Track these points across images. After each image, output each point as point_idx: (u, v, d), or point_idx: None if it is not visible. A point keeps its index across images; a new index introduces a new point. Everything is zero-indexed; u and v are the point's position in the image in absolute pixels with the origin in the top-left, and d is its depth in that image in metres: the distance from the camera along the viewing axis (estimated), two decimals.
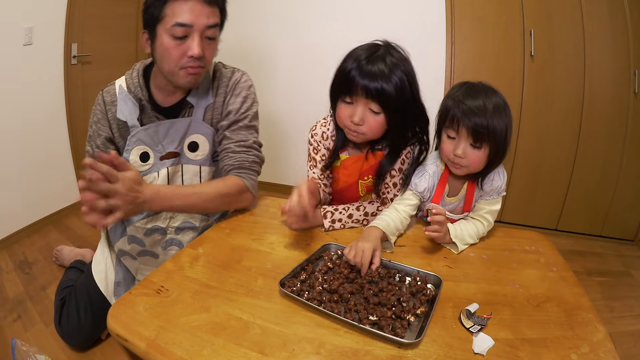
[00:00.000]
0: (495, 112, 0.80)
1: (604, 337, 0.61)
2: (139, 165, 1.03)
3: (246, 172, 1.02)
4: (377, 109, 0.87)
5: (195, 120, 1.03)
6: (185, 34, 0.89)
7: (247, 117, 1.05)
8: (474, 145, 0.83)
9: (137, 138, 1.02)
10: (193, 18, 0.87)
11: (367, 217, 0.98)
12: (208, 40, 0.93)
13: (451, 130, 0.85)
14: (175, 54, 0.90)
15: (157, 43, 0.92)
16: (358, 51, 0.88)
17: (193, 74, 0.94)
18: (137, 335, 0.59)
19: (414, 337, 0.59)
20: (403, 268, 0.78)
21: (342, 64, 0.90)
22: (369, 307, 0.66)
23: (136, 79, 1.02)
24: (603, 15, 1.97)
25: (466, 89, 0.85)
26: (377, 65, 0.84)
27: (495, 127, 0.80)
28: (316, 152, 1.04)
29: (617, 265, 2.02)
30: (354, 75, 0.85)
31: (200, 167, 1.07)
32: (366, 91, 0.85)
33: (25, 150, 1.99)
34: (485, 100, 0.81)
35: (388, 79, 0.83)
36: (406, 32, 2.27)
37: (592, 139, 2.12)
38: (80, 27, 2.17)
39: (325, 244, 0.86)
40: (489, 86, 0.86)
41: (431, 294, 0.70)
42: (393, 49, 0.89)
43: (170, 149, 1.03)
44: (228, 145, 1.03)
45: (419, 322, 0.64)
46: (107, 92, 1.06)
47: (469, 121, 0.80)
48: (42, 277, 1.69)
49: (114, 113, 1.03)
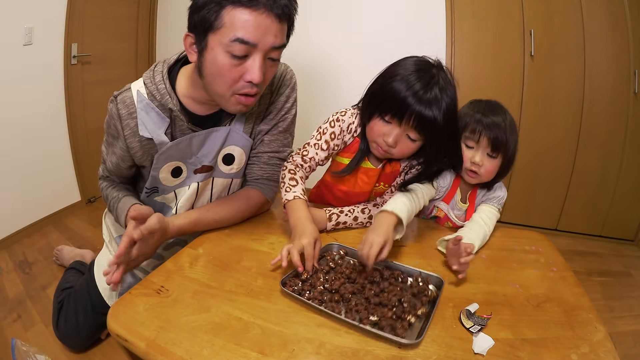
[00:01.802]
0: (510, 129, 0.90)
1: (604, 337, 0.61)
2: (170, 181, 0.93)
3: (272, 184, 1.00)
4: (415, 137, 0.83)
5: (235, 131, 0.92)
6: (246, 53, 0.73)
7: (286, 120, 0.97)
8: (491, 154, 0.91)
9: (167, 155, 0.88)
10: (259, 36, 0.71)
11: (370, 220, 0.97)
12: (270, 61, 0.78)
13: (471, 141, 0.92)
14: (230, 77, 0.75)
15: (207, 57, 0.75)
16: (410, 75, 0.79)
17: (246, 104, 0.80)
18: (137, 335, 0.59)
19: (414, 338, 0.60)
20: (406, 269, 0.78)
21: (389, 81, 0.81)
22: (370, 307, 0.66)
23: (161, 84, 0.84)
24: (603, 15, 1.97)
25: (485, 105, 0.94)
26: (434, 99, 0.77)
27: (509, 141, 0.90)
28: (333, 137, 0.95)
29: (617, 265, 2.02)
30: (411, 103, 0.77)
31: (232, 180, 1.00)
32: (418, 121, 0.79)
33: (25, 150, 1.99)
34: (503, 117, 0.91)
35: (440, 109, 0.78)
36: (406, 32, 2.29)
37: (592, 139, 2.12)
38: (80, 27, 2.17)
39: (328, 244, 0.86)
40: (501, 105, 0.95)
41: (432, 295, 0.70)
42: (446, 78, 0.81)
43: (205, 162, 0.92)
44: (262, 155, 0.97)
45: (420, 322, 0.64)
46: (121, 102, 0.86)
47: (490, 132, 0.89)
48: (42, 277, 1.69)
49: (133, 129, 0.86)
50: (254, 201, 0.98)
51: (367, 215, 0.97)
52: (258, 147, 0.98)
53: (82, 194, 2.38)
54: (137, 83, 0.87)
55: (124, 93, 0.86)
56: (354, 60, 2.34)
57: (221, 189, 1.01)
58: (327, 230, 0.94)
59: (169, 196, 0.98)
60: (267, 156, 0.99)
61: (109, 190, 0.99)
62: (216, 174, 0.97)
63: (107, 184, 1.00)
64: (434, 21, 2.19)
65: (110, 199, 0.97)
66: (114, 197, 0.96)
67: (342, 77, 2.41)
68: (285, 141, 1.01)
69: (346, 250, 0.84)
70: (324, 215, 0.94)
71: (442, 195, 1.01)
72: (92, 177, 2.42)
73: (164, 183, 0.94)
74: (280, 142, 0.99)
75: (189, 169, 0.93)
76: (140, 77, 0.89)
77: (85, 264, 1.46)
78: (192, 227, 0.90)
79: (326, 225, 0.93)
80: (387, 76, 0.84)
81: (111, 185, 1.00)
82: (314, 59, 2.40)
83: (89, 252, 1.66)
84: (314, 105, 2.47)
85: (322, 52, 2.38)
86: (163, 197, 0.98)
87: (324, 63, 2.42)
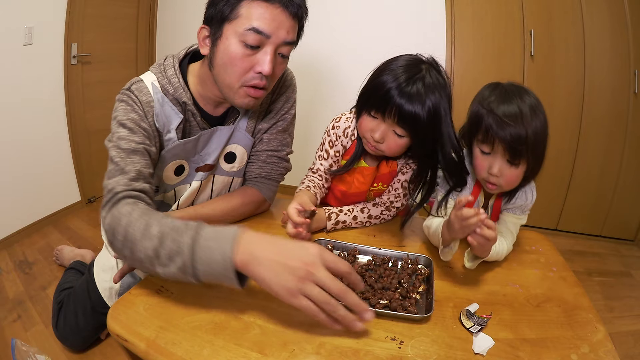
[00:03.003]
0: (533, 116, 0.72)
1: (604, 337, 0.61)
2: (172, 179, 0.92)
3: (270, 183, 1.00)
4: (401, 132, 0.82)
5: (238, 130, 0.93)
6: (259, 44, 0.75)
7: (286, 119, 0.98)
8: (511, 162, 0.75)
9: (173, 153, 0.86)
10: (273, 28, 0.73)
11: (370, 220, 0.97)
12: (280, 58, 0.80)
13: (485, 145, 0.76)
14: (241, 66, 0.76)
15: (221, 46, 0.76)
16: (396, 68, 0.80)
17: (254, 97, 0.80)
18: (137, 335, 0.59)
19: (424, 312, 0.65)
20: (392, 254, 0.82)
21: (378, 75, 0.82)
22: (377, 292, 0.70)
23: (174, 78, 0.83)
24: (603, 15, 1.97)
25: (499, 94, 0.76)
26: (417, 91, 0.76)
27: (534, 136, 0.71)
28: (332, 145, 0.97)
29: (617, 265, 2.02)
30: (392, 96, 0.77)
31: (232, 179, 1.00)
32: (399, 115, 0.78)
33: (25, 150, 1.99)
34: (520, 103, 0.72)
35: (423, 104, 0.76)
36: (406, 32, 2.29)
37: (592, 139, 2.12)
38: (80, 27, 2.17)
39: (315, 240, 0.85)
40: (520, 86, 0.78)
41: (426, 273, 0.76)
42: (435, 75, 0.80)
43: (208, 160, 0.92)
44: (260, 153, 0.98)
45: (423, 299, 0.70)
46: (137, 91, 0.81)
47: (504, 133, 0.71)
48: (42, 277, 1.69)
49: (152, 118, 0.81)
50: (250, 199, 0.97)
51: (367, 215, 0.97)
52: (257, 145, 0.99)
53: (82, 194, 2.38)
54: (147, 76, 0.84)
55: (137, 84, 0.82)
56: (354, 61, 2.34)
57: (221, 187, 1.00)
58: (326, 229, 0.94)
59: (169, 194, 0.97)
60: (265, 154, 0.99)
61: (145, 217, 0.64)
62: (217, 172, 0.97)
63: (130, 207, 0.67)
64: (434, 21, 2.19)
65: (160, 227, 0.61)
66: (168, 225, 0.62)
67: (342, 78, 2.41)
68: (285, 141, 1.01)
69: (333, 244, 0.84)
70: (323, 214, 0.94)
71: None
72: (92, 177, 2.43)
73: (166, 181, 0.93)
74: (279, 141, 0.99)
75: (191, 167, 0.92)
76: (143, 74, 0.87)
77: (85, 264, 1.46)
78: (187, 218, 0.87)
79: (326, 224, 0.93)
80: (377, 71, 0.84)
81: (141, 210, 0.67)
82: (313, 60, 2.40)
83: (89, 252, 1.66)
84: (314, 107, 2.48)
85: (321, 53, 2.38)
86: (163, 195, 0.97)
87: (324, 64, 2.43)
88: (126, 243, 0.63)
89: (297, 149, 1.09)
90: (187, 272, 0.58)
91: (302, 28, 0.83)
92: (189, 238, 0.58)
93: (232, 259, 0.56)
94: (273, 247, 0.57)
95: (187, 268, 0.58)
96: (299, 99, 1.03)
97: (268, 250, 0.56)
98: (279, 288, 0.55)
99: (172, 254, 0.58)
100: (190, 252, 0.57)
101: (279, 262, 0.55)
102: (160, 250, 0.59)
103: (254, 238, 0.58)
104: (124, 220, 0.64)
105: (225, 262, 0.56)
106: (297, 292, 0.54)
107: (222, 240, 0.57)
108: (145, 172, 0.76)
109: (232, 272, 0.56)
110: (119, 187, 0.70)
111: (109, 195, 0.70)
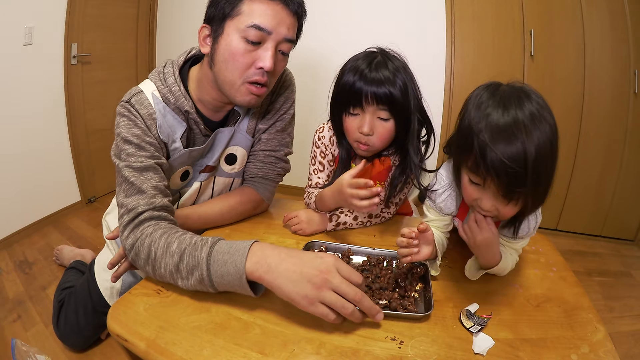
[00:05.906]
0: (532, 127, 0.59)
1: (604, 337, 0.61)
2: (177, 185, 0.93)
3: (267, 182, 1.00)
4: (386, 115, 0.84)
5: (239, 131, 0.93)
6: (260, 40, 0.76)
7: (284, 119, 0.98)
8: (507, 199, 0.61)
9: (179, 162, 0.87)
10: (274, 24, 0.75)
11: (370, 219, 0.98)
12: (281, 55, 0.81)
13: (475, 176, 0.62)
14: (243, 62, 0.76)
15: (222, 43, 0.77)
16: (356, 62, 0.85)
17: (256, 94, 0.81)
18: (137, 335, 0.59)
19: (424, 311, 0.65)
20: (387, 254, 0.82)
21: (341, 77, 0.86)
22: (375, 293, 0.70)
23: (175, 87, 0.82)
24: (603, 15, 1.97)
25: (494, 104, 0.61)
26: (381, 72, 0.82)
27: (536, 175, 0.58)
28: (324, 156, 1.00)
29: (617, 265, 2.02)
30: (360, 86, 0.82)
31: (233, 180, 1.00)
32: (376, 98, 0.82)
33: (25, 150, 1.99)
34: (520, 113, 0.59)
35: (393, 83, 0.81)
36: (406, 32, 2.29)
37: (592, 139, 2.12)
38: (80, 27, 2.17)
39: (309, 242, 0.85)
40: (520, 94, 0.65)
41: (421, 272, 0.75)
42: (390, 55, 0.87)
43: (209, 162, 0.93)
44: (258, 153, 0.98)
45: (421, 298, 0.70)
46: (138, 103, 0.80)
47: (498, 176, 0.57)
48: (42, 277, 1.69)
49: (156, 130, 0.81)
50: (247, 198, 0.97)
51: (367, 214, 0.97)
52: (255, 145, 0.99)
53: (82, 194, 2.38)
54: (147, 85, 0.83)
55: (137, 95, 0.81)
56: None
57: (222, 188, 1.01)
58: (327, 230, 0.94)
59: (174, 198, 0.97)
60: (262, 154, 0.99)
61: (166, 236, 0.68)
62: (218, 173, 0.98)
63: (152, 228, 0.70)
64: (434, 21, 2.19)
65: (179, 244, 0.66)
66: (187, 241, 0.66)
67: None
68: (283, 141, 1.01)
69: (326, 246, 0.84)
70: (324, 216, 0.94)
71: (454, 211, 0.78)
72: (92, 177, 2.43)
73: (172, 187, 0.93)
74: (278, 141, 1.00)
75: (195, 170, 0.94)
76: (142, 78, 0.87)
77: (85, 263, 1.46)
78: (184, 220, 0.88)
79: (326, 226, 0.94)
80: (339, 76, 0.88)
81: (162, 229, 0.70)
82: (313, 61, 2.40)
83: (89, 252, 1.66)
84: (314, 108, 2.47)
85: (321, 53, 2.38)
86: None
87: (324, 64, 2.42)
88: (149, 260, 0.68)
89: (296, 149, 1.09)
90: (205, 284, 0.63)
91: (301, 27, 0.85)
92: (205, 253, 0.63)
93: (244, 271, 0.60)
94: (289, 257, 0.60)
95: (204, 280, 0.63)
96: (299, 99, 1.03)
97: (285, 261, 0.60)
98: (297, 296, 0.58)
99: (191, 268, 0.64)
100: (206, 266, 0.62)
101: (296, 271, 0.58)
102: (180, 265, 0.65)
103: (268, 250, 0.62)
104: (147, 241, 0.69)
105: (238, 273, 0.60)
106: (315, 299, 0.57)
107: (235, 254, 0.62)
108: (161, 185, 0.77)
109: (245, 283, 0.60)
110: (140, 208, 0.72)
111: (131, 215, 0.72)
